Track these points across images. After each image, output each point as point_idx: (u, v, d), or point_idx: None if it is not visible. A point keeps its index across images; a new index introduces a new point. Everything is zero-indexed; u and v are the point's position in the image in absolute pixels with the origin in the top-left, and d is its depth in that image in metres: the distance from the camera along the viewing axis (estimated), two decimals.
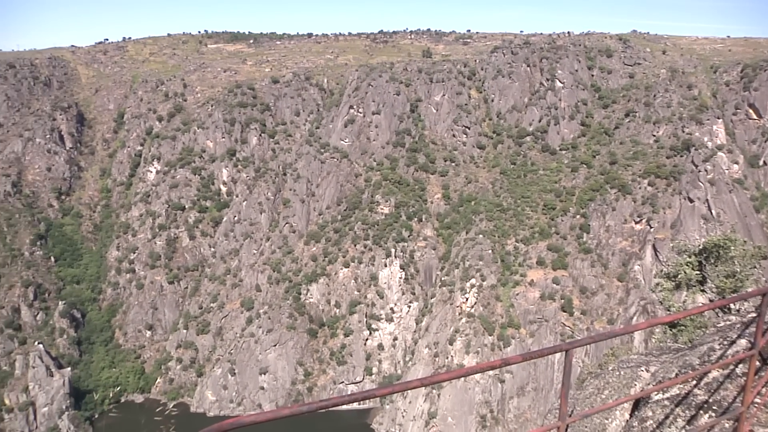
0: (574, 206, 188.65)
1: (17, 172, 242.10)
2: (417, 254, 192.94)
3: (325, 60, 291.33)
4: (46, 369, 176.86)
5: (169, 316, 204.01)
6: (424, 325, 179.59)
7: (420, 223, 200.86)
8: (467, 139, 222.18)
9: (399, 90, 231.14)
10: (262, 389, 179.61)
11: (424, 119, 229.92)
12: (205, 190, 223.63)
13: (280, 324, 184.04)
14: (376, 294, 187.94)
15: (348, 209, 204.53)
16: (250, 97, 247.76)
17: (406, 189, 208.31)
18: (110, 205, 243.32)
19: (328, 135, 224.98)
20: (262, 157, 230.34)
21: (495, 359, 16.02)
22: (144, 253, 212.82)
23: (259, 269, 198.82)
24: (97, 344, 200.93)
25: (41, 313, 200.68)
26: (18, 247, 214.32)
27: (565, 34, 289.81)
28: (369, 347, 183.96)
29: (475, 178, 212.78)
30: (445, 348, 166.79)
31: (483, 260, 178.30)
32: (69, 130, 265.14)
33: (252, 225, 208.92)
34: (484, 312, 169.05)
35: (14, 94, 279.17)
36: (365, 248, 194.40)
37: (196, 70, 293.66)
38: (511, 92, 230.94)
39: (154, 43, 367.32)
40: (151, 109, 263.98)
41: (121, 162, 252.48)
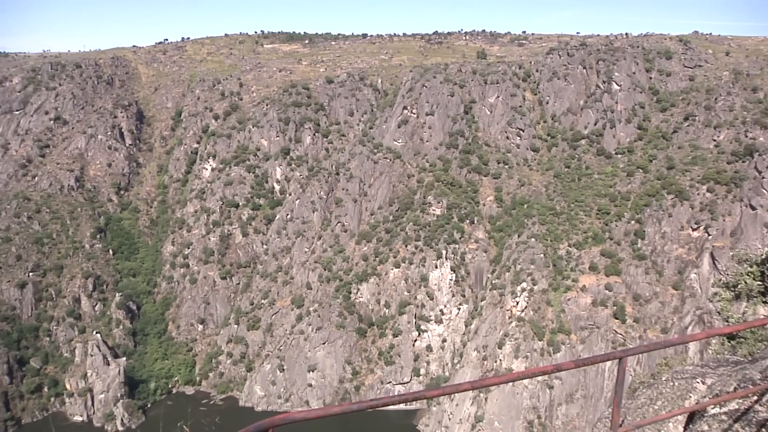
0: (629, 211, 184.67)
1: (80, 167, 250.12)
2: (468, 256, 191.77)
3: (380, 60, 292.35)
4: (103, 358, 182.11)
5: (220, 310, 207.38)
6: (473, 327, 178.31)
7: (472, 225, 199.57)
8: (521, 142, 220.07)
9: (453, 91, 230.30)
10: (309, 386, 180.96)
11: (477, 121, 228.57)
12: (258, 188, 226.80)
13: (330, 322, 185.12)
14: (426, 295, 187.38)
15: (400, 210, 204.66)
16: (305, 97, 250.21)
17: (459, 190, 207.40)
18: (166, 201, 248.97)
19: (382, 135, 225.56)
20: (315, 156, 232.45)
21: (545, 365, 15.37)
22: (198, 248, 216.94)
23: (311, 267, 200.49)
24: (151, 336, 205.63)
25: (99, 303, 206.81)
26: (79, 240, 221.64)
27: (623, 36, 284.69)
28: (417, 348, 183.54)
29: (528, 180, 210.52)
30: (493, 351, 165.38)
31: (534, 264, 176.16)
32: (129, 128, 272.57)
33: (304, 223, 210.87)
34: (534, 316, 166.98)
35: (79, 93, 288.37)
36: (416, 249, 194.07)
37: (252, 70, 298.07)
38: (566, 94, 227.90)
39: (211, 43, 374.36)
40: (208, 108, 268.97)
41: (177, 159, 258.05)
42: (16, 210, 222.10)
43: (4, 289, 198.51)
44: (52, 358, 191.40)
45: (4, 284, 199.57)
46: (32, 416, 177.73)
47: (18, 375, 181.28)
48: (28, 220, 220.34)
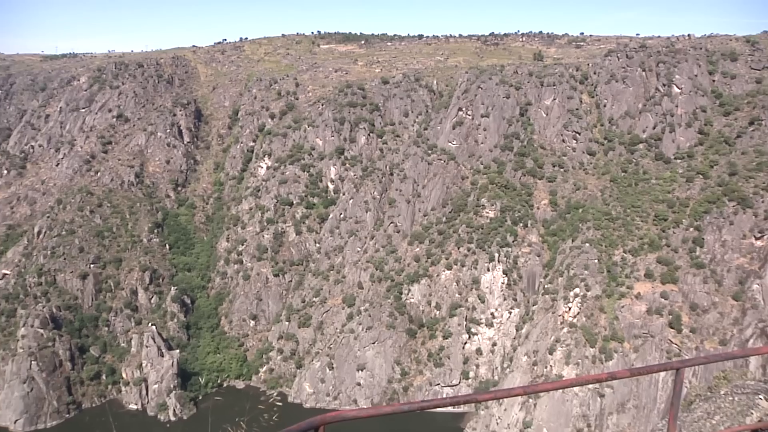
0: (688, 218, 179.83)
1: (140, 163, 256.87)
2: (521, 260, 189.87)
3: (435, 61, 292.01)
4: (157, 349, 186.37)
5: (272, 307, 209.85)
6: (524, 332, 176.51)
7: (525, 228, 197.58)
8: (577, 145, 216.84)
9: (509, 93, 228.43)
10: (358, 385, 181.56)
11: (533, 123, 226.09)
12: (313, 187, 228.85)
13: (380, 322, 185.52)
14: (478, 298, 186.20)
15: (453, 211, 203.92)
16: (360, 97, 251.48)
17: (513, 193, 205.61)
18: (222, 198, 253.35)
19: (436, 136, 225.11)
20: (369, 156, 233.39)
21: (596, 372, 14.28)
22: (252, 245, 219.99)
23: (362, 267, 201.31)
24: (204, 330, 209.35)
25: (155, 296, 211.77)
26: (138, 234, 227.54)
27: (685, 37, 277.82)
28: (467, 351, 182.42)
29: (583, 185, 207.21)
30: (544, 357, 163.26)
31: (588, 270, 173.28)
32: (187, 125, 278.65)
33: (357, 223, 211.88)
34: (587, 323, 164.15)
35: (141, 91, 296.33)
36: (468, 251, 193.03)
37: (308, 70, 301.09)
38: (624, 97, 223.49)
39: (269, 43, 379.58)
40: (264, 107, 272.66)
41: (234, 157, 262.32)
42: (79, 204, 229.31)
43: (67, 279, 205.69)
44: (110, 348, 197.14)
45: (68, 275, 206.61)
46: (91, 402, 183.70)
47: (79, 362, 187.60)
48: (90, 214, 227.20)
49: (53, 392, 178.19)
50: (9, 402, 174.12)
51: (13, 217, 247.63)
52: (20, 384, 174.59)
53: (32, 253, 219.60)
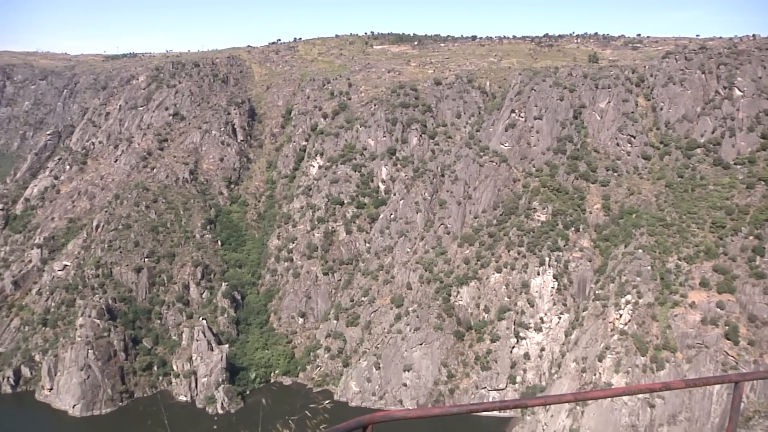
0: (747, 226, 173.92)
1: (195, 160, 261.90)
2: (571, 265, 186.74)
3: (488, 63, 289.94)
4: (207, 343, 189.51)
5: (321, 305, 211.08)
6: (573, 338, 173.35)
7: (577, 233, 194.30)
8: (632, 149, 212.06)
9: (562, 95, 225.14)
10: (404, 386, 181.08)
11: (587, 126, 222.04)
12: (364, 187, 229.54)
13: (428, 323, 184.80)
14: (527, 302, 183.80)
15: (504, 214, 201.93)
16: (413, 98, 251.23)
17: (565, 197, 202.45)
18: (274, 196, 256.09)
19: (488, 138, 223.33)
20: (421, 157, 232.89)
21: (647, 382, 13.47)
22: (302, 243, 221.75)
23: (412, 268, 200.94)
24: (253, 326, 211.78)
25: (207, 291, 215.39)
26: (191, 230, 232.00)
27: (749, 38, 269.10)
28: (515, 355, 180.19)
29: (638, 189, 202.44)
30: (593, 364, 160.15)
31: (641, 276, 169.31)
32: (241, 124, 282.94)
33: (407, 224, 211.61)
34: (638, 331, 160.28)
35: (197, 90, 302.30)
36: (519, 255, 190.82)
37: (361, 70, 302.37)
38: (682, 101, 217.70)
39: (322, 43, 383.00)
40: (317, 107, 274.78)
41: (286, 156, 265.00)
42: (136, 199, 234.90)
43: (123, 272, 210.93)
44: (162, 340, 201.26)
45: (123, 268, 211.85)
46: (143, 391, 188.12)
47: (132, 353, 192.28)
48: (146, 209, 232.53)
49: (108, 380, 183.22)
50: (68, 387, 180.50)
51: (74, 211, 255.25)
52: (78, 371, 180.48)
53: (91, 246, 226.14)
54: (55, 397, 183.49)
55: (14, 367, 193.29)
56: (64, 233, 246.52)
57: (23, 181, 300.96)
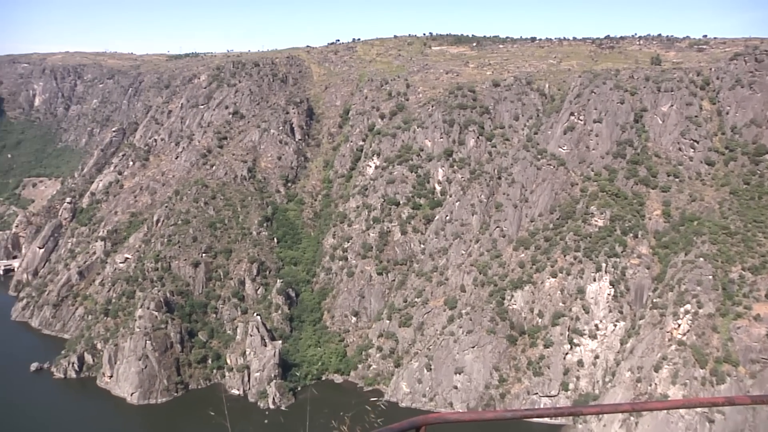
0: None
1: (253, 159, 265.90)
2: (629, 271, 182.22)
3: (548, 65, 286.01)
4: (261, 339, 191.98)
5: (374, 305, 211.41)
6: (628, 346, 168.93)
7: (635, 239, 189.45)
8: (695, 154, 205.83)
9: (623, 98, 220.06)
10: (455, 388, 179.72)
11: (648, 130, 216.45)
12: (420, 188, 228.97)
13: (481, 326, 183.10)
14: (582, 308, 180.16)
15: (560, 218, 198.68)
16: (470, 100, 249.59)
17: (624, 202, 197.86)
18: (330, 195, 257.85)
19: (546, 141, 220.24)
20: (478, 159, 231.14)
21: (706, 395, 13.04)
22: (357, 243, 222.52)
23: (466, 270, 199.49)
24: (307, 323, 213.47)
25: (262, 288, 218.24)
26: (248, 227, 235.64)
27: None
28: (568, 362, 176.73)
29: (700, 196, 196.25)
30: (649, 374, 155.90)
31: (701, 286, 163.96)
32: (299, 123, 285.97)
33: (463, 225, 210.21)
34: (698, 342, 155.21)
35: (256, 89, 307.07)
36: (575, 260, 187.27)
37: (419, 71, 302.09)
38: (750, 104, 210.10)
39: (381, 44, 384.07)
40: (375, 107, 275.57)
41: (343, 155, 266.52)
42: (195, 195, 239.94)
43: (181, 266, 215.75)
44: (217, 334, 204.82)
45: (181, 262, 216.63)
46: (197, 383, 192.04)
47: (188, 345, 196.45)
48: (204, 205, 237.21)
49: (164, 371, 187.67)
50: (126, 376, 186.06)
51: (136, 206, 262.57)
52: (136, 360, 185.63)
53: (151, 240, 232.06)
54: (115, 384, 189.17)
55: (78, 353, 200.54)
56: (126, 227, 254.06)
57: (89, 176, 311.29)
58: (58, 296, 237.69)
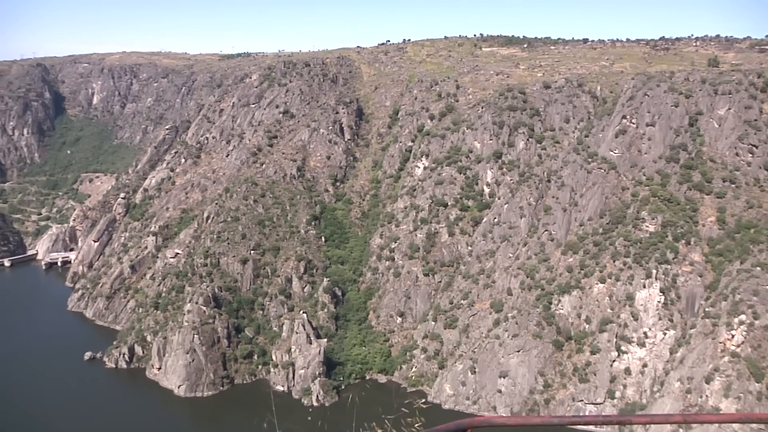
0: None
1: (302, 158, 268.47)
2: (680, 279, 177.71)
3: (600, 67, 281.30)
4: (306, 336, 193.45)
5: (420, 306, 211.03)
6: (678, 356, 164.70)
7: (687, 246, 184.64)
8: (753, 159, 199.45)
9: (678, 101, 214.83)
10: (499, 392, 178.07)
11: (703, 134, 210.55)
12: (468, 190, 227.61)
13: (527, 331, 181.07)
14: (630, 315, 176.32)
15: (610, 223, 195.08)
16: (521, 101, 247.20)
17: (676, 208, 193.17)
18: (378, 196, 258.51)
19: (597, 144, 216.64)
20: (527, 161, 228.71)
21: (763, 411, 12.39)
22: (404, 243, 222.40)
23: (513, 273, 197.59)
24: (352, 322, 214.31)
25: (308, 286, 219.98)
26: (296, 225, 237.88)
27: None
28: (615, 369, 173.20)
29: (758, 203, 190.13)
30: (699, 386, 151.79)
31: (758, 296, 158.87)
32: (349, 123, 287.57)
33: (511, 228, 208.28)
34: (753, 354, 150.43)
35: (306, 89, 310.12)
36: (624, 266, 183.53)
37: (469, 72, 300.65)
38: None
39: (431, 45, 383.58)
40: (424, 108, 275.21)
41: (392, 156, 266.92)
42: (245, 193, 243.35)
43: (229, 262, 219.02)
44: (263, 330, 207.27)
45: (230, 258, 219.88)
46: (243, 378, 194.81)
47: (234, 340, 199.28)
48: (253, 203, 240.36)
49: (211, 365, 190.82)
50: (174, 368, 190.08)
51: (187, 202, 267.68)
52: (184, 354, 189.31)
53: (201, 236, 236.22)
54: (163, 376, 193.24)
55: (129, 345, 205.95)
56: (177, 223, 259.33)
57: (143, 173, 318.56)
58: (111, 289, 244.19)
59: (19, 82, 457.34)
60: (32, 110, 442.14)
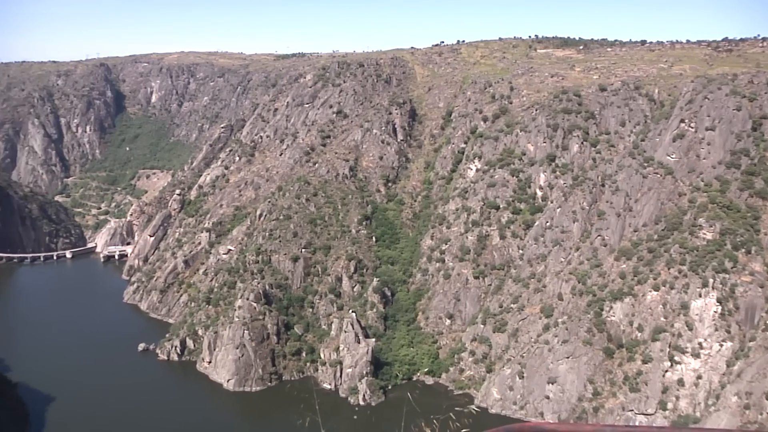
0: None
1: (355, 158, 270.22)
2: (739, 289, 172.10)
3: (658, 69, 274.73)
4: (355, 336, 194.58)
5: (469, 308, 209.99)
6: (736, 369, 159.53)
7: (748, 255, 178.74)
8: None
9: (740, 105, 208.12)
10: (546, 398, 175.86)
11: (767, 139, 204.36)
12: (520, 192, 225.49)
13: (577, 337, 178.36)
14: (685, 325, 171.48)
15: (666, 229, 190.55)
16: (575, 104, 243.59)
17: (736, 215, 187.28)
18: (430, 197, 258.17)
19: (654, 149, 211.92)
20: (581, 165, 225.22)
21: None
22: (455, 245, 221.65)
23: (564, 278, 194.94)
24: (401, 323, 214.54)
25: (358, 285, 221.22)
26: (347, 225, 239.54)
27: None
28: (667, 380, 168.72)
29: None
30: (759, 401, 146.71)
31: None
32: (401, 124, 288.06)
33: (563, 233, 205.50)
34: None
35: (360, 90, 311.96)
36: (679, 273, 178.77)
37: (523, 74, 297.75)
38: None
39: (485, 46, 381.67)
40: (478, 110, 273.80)
41: (444, 157, 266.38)
42: (297, 192, 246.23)
43: (280, 260, 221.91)
44: (312, 328, 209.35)
45: (281, 256, 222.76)
46: (291, 375, 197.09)
47: (283, 337, 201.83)
48: (306, 202, 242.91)
49: (260, 361, 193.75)
50: (224, 363, 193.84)
51: (240, 200, 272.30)
52: (234, 349, 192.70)
53: (253, 234, 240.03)
54: (213, 370, 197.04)
55: (181, 338, 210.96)
56: (230, 220, 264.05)
57: (198, 170, 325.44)
58: (165, 283, 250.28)
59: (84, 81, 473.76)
60: (95, 108, 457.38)
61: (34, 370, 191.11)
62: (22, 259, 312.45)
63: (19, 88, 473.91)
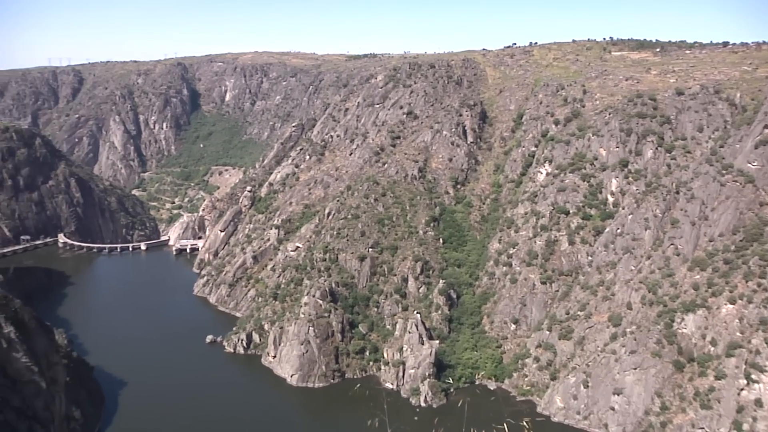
0: None
1: (424, 159, 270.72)
2: None
3: (741, 72, 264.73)
4: (419, 337, 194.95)
5: (535, 314, 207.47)
6: None
7: None
8: None
9: None
10: (612, 410, 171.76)
11: None
12: (591, 198, 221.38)
13: (645, 348, 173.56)
14: (764, 341, 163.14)
15: (745, 240, 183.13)
16: (650, 108, 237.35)
17: None
18: (499, 200, 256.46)
19: (734, 156, 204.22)
20: (655, 171, 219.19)
21: None
22: (523, 250, 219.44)
23: (634, 287, 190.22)
24: (465, 326, 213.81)
25: (424, 287, 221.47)
26: (415, 225, 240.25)
27: None
28: (743, 399, 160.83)
29: None
30: None
31: None
32: (472, 126, 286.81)
33: (634, 240, 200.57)
34: None
35: (431, 91, 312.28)
36: (758, 287, 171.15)
37: (597, 77, 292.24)
38: None
39: (558, 48, 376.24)
40: (549, 113, 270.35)
41: (514, 160, 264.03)
42: (366, 191, 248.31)
43: (347, 259, 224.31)
44: (376, 327, 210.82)
45: (348, 255, 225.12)
46: (353, 373, 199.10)
47: (348, 335, 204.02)
48: (374, 202, 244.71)
49: (323, 358, 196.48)
50: (288, 358, 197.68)
51: (309, 198, 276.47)
52: (299, 345, 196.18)
53: (321, 232, 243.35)
54: (277, 364, 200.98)
55: (247, 332, 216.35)
56: (299, 217, 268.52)
57: (269, 167, 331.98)
58: (234, 277, 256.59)
59: (162, 80, 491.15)
60: (171, 106, 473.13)
61: (109, 355, 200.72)
62: (101, 249, 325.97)
63: (102, 86, 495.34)
